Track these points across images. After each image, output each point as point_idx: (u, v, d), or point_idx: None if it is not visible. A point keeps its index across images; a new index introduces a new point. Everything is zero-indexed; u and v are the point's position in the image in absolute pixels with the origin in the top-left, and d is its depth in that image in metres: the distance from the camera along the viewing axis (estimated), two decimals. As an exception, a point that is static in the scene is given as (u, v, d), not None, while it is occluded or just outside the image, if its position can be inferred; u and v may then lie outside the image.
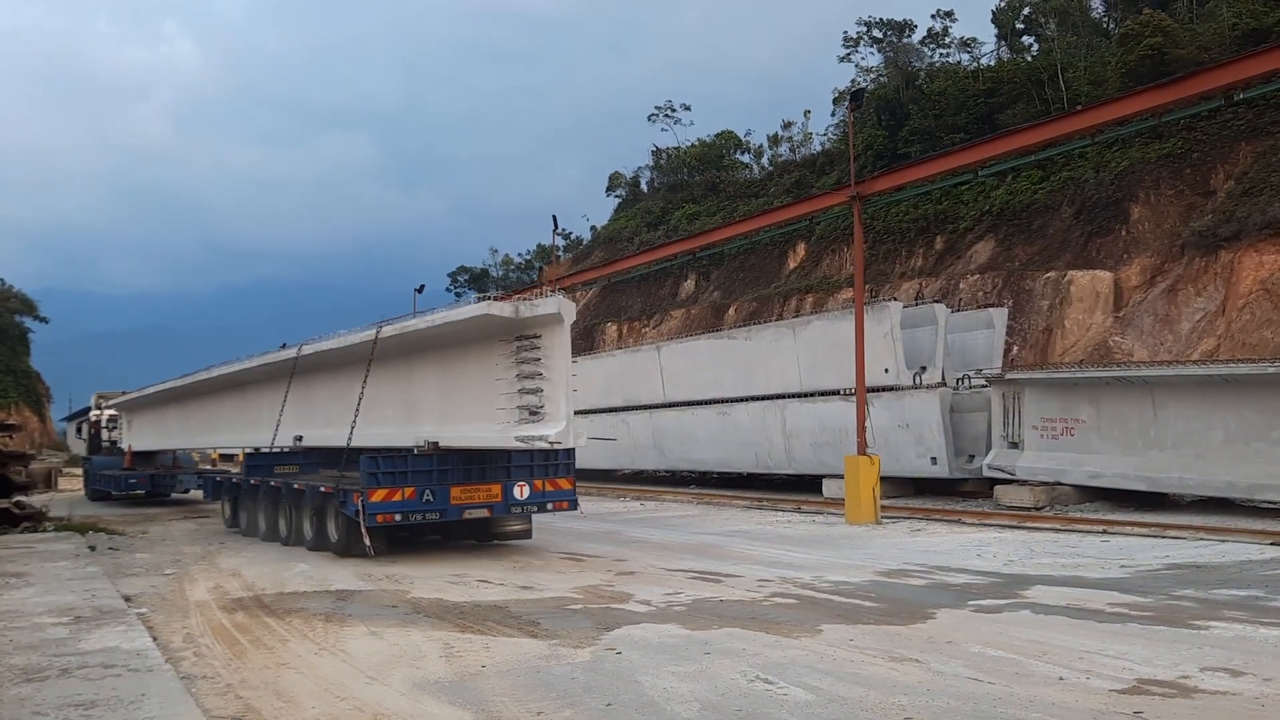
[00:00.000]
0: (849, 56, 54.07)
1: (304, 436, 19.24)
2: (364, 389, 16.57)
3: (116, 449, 33.74)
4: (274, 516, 18.67)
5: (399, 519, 15.02)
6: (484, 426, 14.64)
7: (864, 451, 20.06)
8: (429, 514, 15.26)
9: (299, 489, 17.65)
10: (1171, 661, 7.97)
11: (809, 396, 26.18)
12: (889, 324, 23.76)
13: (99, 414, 35.55)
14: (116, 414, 34.67)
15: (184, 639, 9.87)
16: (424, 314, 16.03)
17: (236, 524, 20.76)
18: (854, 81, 52.50)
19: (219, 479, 22.93)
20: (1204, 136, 34.12)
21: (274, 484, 18.78)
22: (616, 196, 74.00)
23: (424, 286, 37.57)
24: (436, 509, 15.25)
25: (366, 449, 15.99)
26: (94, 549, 17.57)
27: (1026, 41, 50.24)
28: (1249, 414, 18.30)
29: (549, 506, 16.26)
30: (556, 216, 46.20)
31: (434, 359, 16.12)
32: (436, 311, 15.73)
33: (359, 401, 16.54)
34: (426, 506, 15.16)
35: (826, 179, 48.92)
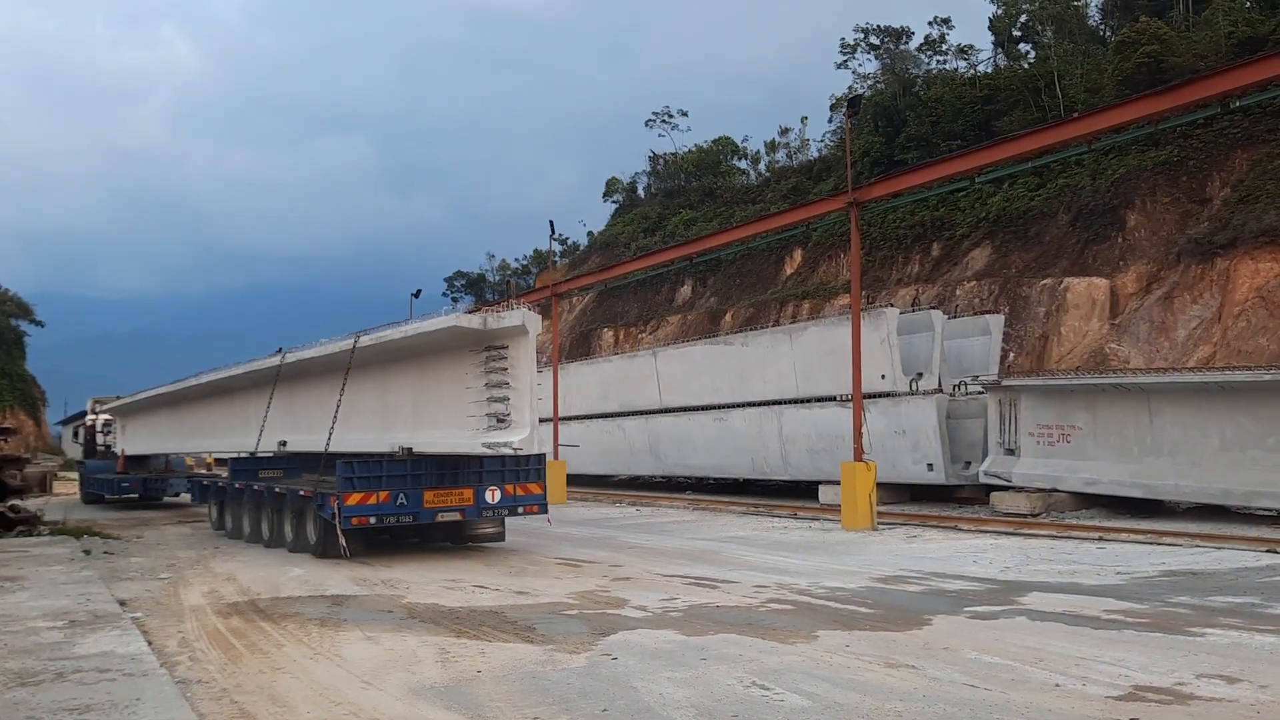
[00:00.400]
0: (846, 63, 54.11)
1: (288, 442, 19.62)
2: (342, 396, 17.11)
3: (111, 453, 33.90)
4: (257, 519, 19.08)
5: (373, 521, 15.55)
6: (455, 433, 15.21)
7: (860, 458, 20.07)
8: (403, 517, 15.77)
9: (280, 492, 18.09)
10: (1167, 668, 7.97)
11: (805, 403, 26.20)
12: (886, 330, 23.79)
13: (94, 418, 35.78)
14: (111, 418, 34.84)
15: (179, 643, 9.85)
16: (400, 324, 16.51)
17: (223, 526, 21.11)
18: (851, 88, 52.55)
19: (206, 483, 23.46)
20: (1200, 144, 34.19)
21: (257, 488, 19.20)
22: (614, 202, 74.02)
23: (420, 291, 37.44)
24: (410, 512, 15.75)
25: (345, 454, 16.45)
26: (89, 553, 17.52)
27: (1023, 49, 50.36)
28: (1245, 421, 18.34)
29: (519, 510, 16.72)
30: (554, 222, 46.19)
31: (410, 368, 16.66)
32: (411, 322, 16.28)
33: (337, 408, 17.10)
34: (400, 510, 15.68)
35: (823, 185, 48.94)
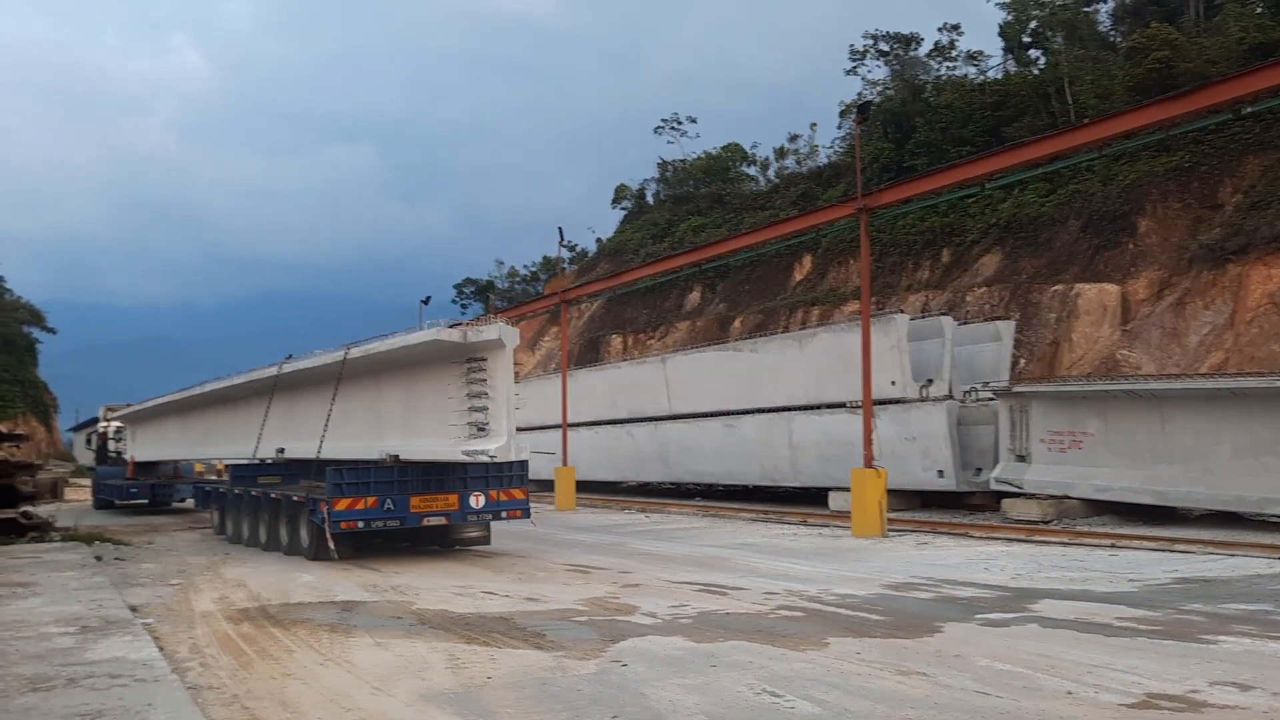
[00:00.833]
0: (855, 69, 54.04)
1: (286, 449, 20.22)
2: (333, 406, 17.92)
3: (122, 459, 34.37)
4: (255, 523, 19.78)
5: (361, 526, 16.26)
6: (439, 441, 15.92)
7: (870, 464, 20.02)
8: (390, 521, 16.46)
9: (276, 498, 18.85)
10: (1180, 676, 7.93)
11: (815, 409, 26.13)
12: (895, 336, 23.73)
13: (106, 425, 36.36)
14: (122, 425, 35.28)
15: (190, 649, 9.87)
16: (387, 337, 17.18)
17: (224, 531, 21.78)
18: (860, 94, 52.49)
19: (208, 488, 24.33)
20: (1212, 150, 34.06)
21: (255, 493, 19.93)
22: (622, 208, 74.04)
23: (430, 298, 37.41)
24: (397, 517, 16.44)
25: (337, 461, 17.16)
26: (100, 559, 17.59)
27: (1033, 55, 50.21)
28: (1258, 428, 18.24)
29: (503, 515, 17.35)
30: (562, 228, 46.26)
31: (399, 378, 17.36)
32: (398, 335, 16.92)
33: (328, 417, 17.93)
34: (387, 514, 16.35)
35: (833, 191, 48.89)
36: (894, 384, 23.68)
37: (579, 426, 33.55)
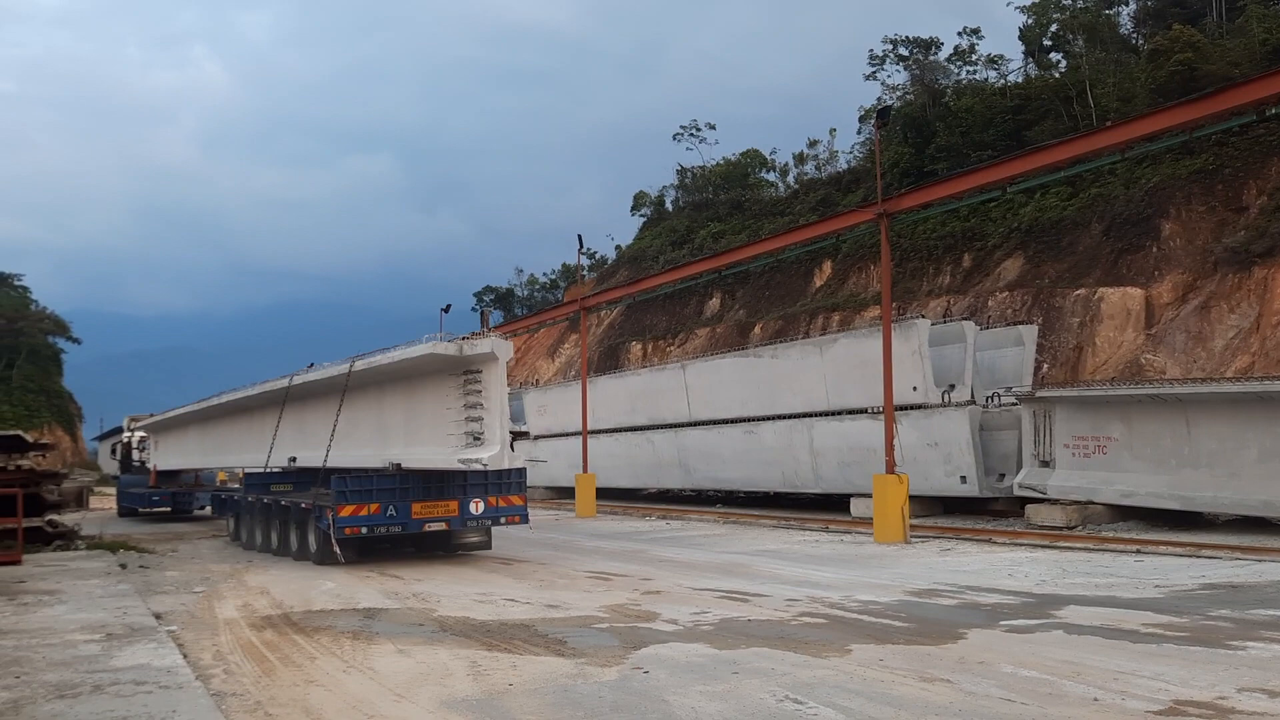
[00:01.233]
0: (875, 74, 54.00)
1: (298, 458, 20.72)
2: (339, 416, 18.53)
3: (145, 468, 35.15)
4: (267, 530, 20.43)
5: (365, 531, 16.88)
6: (437, 449, 16.51)
7: (892, 470, 19.93)
8: (392, 527, 17.08)
9: (285, 505, 19.51)
10: (1208, 682, 7.84)
11: (836, 415, 26.05)
12: (917, 342, 23.62)
13: (130, 435, 37.12)
14: (146, 435, 35.94)
15: (213, 656, 9.92)
16: (388, 350, 17.74)
17: (239, 537, 22.32)
18: (880, 99, 52.42)
19: (224, 496, 25.23)
20: (1235, 152, 33.79)
21: (266, 500, 20.67)
22: (641, 215, 74.17)
23: (450, 306, 37.55)
24: (399, 523, 17.06)
25: (344, 469, 17.82)
26: (125, 567, 17.74)
27: (1054, 58, 50.03)
28: (1284, 432, 18.03)
29: (502, 520, 17.96)
30: (582, 236, 46.34)
31: (402, 390, 17.97)
32: (398, 348, 17.40)
33: (334, 427, 18.52)
34: (390, 520, 16.99)
35: (853, 196, 48.79)
36: (915, 389, 23.57)
37: (599, 433, 33.57)
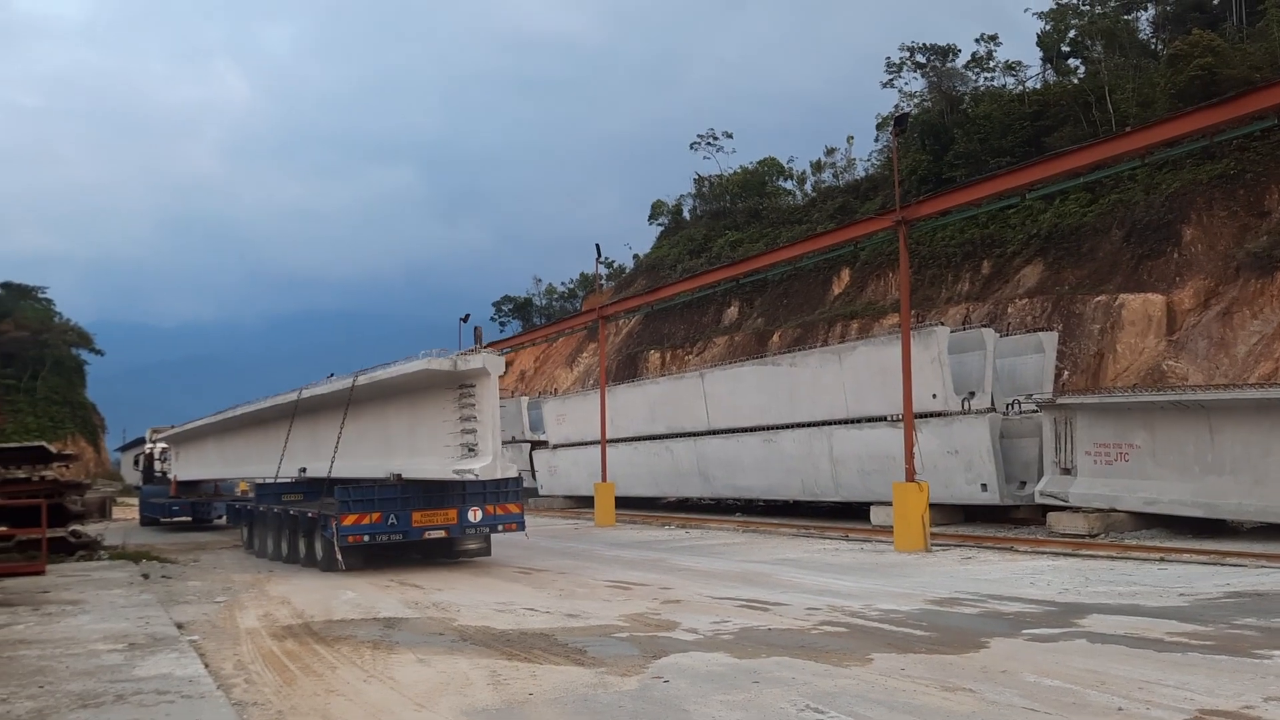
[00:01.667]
0: (892, 82, 53.90)
1: (308, 468, 21.24)
2: (342, 428, 19.12)
3: (167, 479, 35.57)
4: (278, 538, 21.07)
5: (367, 539, 17.48)
6: (435, 460, 17.18)
7: (912, 478, 19.83)
8: (393, 535, 17.66)
9: (294, 514, 20.17)
10: (1234, 691, 7.76)
11: (855, 423, 25.96)
12: (936, 349, 23.52)
13: (152, 446, 37.62)
14: (167, 446, 36.33)
15: (235, 666, 9.97)
16: (389, 365, 18.56)
17: (252, 546, 22.95)
18: (897, 106, 52.30)
19: (238, 505, 26.12)
20: (1257, 156, 33.53)
21: (276, 510, 21.31)
22: (659, 224, 74.17)
23: (469, 316, 37.73)
24: (400, 531, 17.63)
25: (349, 479, 18.47)
26: (147, 576, 17.85)
27: (1073, 64, 49.81)
28: (1310, 438, 17.84)
29: (499, 528, 18.53)
30: (600, 245, 46.44)
31: (404, 403, 18.57)
32: (397, 364, 18.15)
33: (338, 439, 19.08)
34: (391, 529, 17.56)
35: (871, 204, 48.67)
36: (935, 397, 23.47)
37: (618, 442, 33.56)
